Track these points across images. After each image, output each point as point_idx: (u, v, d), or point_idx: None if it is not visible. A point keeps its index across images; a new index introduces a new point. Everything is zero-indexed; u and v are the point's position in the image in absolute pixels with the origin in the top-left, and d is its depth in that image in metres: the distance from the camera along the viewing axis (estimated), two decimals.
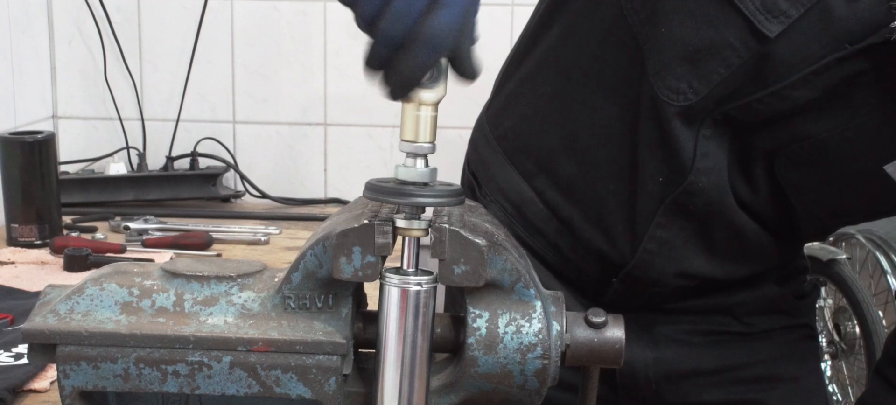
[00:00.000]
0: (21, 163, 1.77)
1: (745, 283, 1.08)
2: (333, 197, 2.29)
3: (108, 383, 0.73)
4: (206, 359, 0.72)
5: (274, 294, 0.74)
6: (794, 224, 1.01)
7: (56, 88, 2.27)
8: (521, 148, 1.11)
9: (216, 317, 0.73)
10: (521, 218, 1.10)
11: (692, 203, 0.97)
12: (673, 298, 1.07)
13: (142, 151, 2.24)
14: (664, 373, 1.10)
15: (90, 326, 0.72)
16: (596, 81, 1.00)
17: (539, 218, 1.08)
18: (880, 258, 2.54)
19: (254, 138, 2.29)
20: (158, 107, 2.27)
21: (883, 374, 1.06)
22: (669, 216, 0.98)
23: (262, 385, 0.72)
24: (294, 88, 2.25)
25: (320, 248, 0.73)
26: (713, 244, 1.01)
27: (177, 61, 2.24)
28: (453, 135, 2.32)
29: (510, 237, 0.79)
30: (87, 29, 2.22)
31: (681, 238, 1.00)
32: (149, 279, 0.75)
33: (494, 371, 0.73)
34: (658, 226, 0.99)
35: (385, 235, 0.70)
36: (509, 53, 1.16)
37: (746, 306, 1.10)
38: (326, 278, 0.73)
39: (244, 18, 2.23)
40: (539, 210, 1.08)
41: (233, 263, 0.78)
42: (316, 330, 0.73)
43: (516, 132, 1.12)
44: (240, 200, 2.26)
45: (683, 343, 1.10)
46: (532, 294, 0.74)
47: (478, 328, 0.73)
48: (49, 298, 0.75)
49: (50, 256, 1.74)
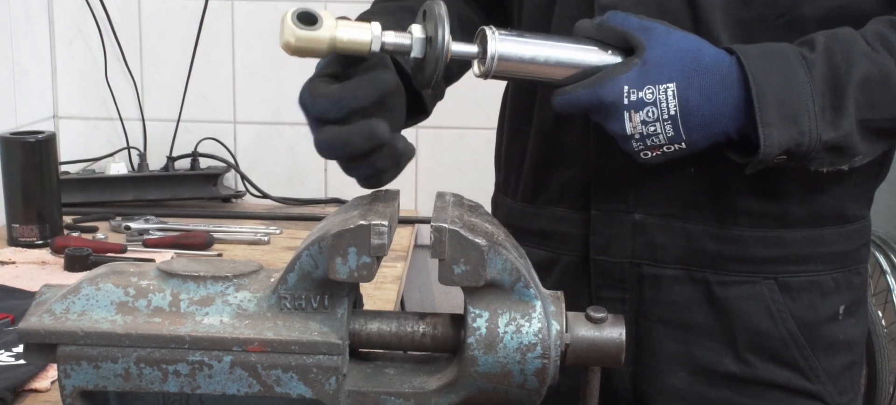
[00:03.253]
0: (22, 163, 1.77)
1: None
2: (333, 197, 2.29)
3: (109, 383, 0.73)
4: (206, 358, 0.72)
5: (270, 294, 0.74)
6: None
7: (57, 88, 2.27)
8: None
9: (212, 318, 0.73)
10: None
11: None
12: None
13: (142, 151, 2.24)
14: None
15: (86, 326, 0.72)
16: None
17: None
18: (880, 258, 2.53)
19: (254, 138, 2.29)
20: (159, 107, 2.27)
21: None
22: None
23: (262, 384, 0.72)
24: (294, 88, 2.23)
25: (316, 249, 0.73)
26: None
27: (177, 61, 2.24)
28: (453, 135, 2.33)
29: (510, 237, 0.79)
30: (88, 29, 2.22)
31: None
32: (145, 279, 0.75)
33: (494, 370, 0.73)
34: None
35: (380, 236, 0.70)
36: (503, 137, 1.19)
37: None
38: (322, 279, 0.73)
39: (244, 18, 2.23)
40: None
41: (229, 263, 0.78)
42: (311, 330, 0.73)
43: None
44: (240, 200, 2.26)
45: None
46: (532, 294, 0.74)
47: (478, 328, 0.73)
48: (45, 298, 0.75)
49: (51, 256, 1.74)
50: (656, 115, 0.88)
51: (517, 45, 0.88)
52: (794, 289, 1.03)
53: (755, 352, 1.04)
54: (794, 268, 1.03)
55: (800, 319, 1.03)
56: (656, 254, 1.04)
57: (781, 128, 0.88)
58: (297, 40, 0.82)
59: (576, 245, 1.08)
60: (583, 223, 1.07)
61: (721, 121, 0.89)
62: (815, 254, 1.03)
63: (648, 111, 0.88)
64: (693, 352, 1.05)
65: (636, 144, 0.90)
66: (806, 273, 1.03)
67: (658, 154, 0.90)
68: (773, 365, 1.04)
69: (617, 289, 1.06)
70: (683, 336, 1.05)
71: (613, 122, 0.89)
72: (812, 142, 0.88)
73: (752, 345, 1.03)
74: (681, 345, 1.05)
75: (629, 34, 0.90)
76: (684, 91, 0.87)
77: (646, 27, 0.90)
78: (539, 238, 1.11)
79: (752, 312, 1.03)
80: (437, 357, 0.80)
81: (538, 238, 1.11)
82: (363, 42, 0.84)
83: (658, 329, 1.06)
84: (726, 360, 1.04)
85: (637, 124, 0.88)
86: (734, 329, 1.03)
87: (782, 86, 0.88)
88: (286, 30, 0.82)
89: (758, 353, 1.04)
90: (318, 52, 0.84)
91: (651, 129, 0.88)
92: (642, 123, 0.88)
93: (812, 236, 1.03)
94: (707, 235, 1.02)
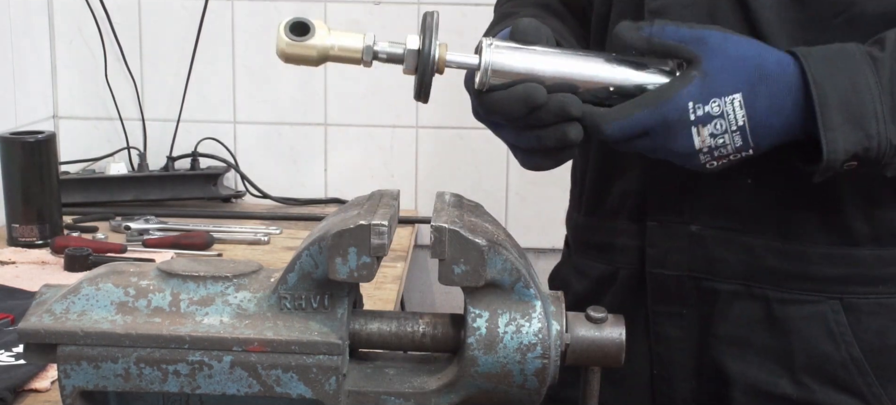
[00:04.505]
0: (22, 163, 1.77)
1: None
2: (333, 197, 2.28)
3: (109, 383, 0.73)
4: (206, 358, 0.72)
5: (270, 294, 0.74)
6: None
7: (57, 88, 2.27)
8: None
9: (212, 318, 0.73)
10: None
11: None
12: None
13: (142, 151, 2.24)
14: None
15: (86, 326, 0.72)
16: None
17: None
18: None
19: (254, 138, 2.29)
20: (159, 107, 2.27)
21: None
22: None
23: (262, 384, 0.72)
24: (294, 88, 2.25)
25: (316, 249, 0.73)
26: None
27: (177, 61, 2.24)
28: (453, 135, 2.32)
29: (510, 237, 0.79)
30: (88, 29, 2.22)
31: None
32: (145, 279, 0.75)
33: (494, 370, 0.73)
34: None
35: (380, 236, 0.70)
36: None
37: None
38: (322, 279, 0.73)
39: (244, 18, 2.23)
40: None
41: (229, 263, 0.78)
42: (311, 330, 0.73)
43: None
44: (240, 200, 2.26)
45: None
46: (532, 293, 0.74)
47: (478, 328, 0.73)
48: (45, 298, 0.75)
49: (51, 256, 1.73)
50: (724, 127, 0.85)
51: (513, 56, 0.86)
52: (861, 312, 0.98)
53: (814, 375, 0.99)
54: (861, 288, 0.98)
55: (866, 344, 0.98)
56: (714, 267, 1.01)
57: (847, 132, 0.84)
58: (289, 48, 0.85)
59: (633, 258, 1.05)
60: (639, 235, 1.04)
61: (790, 128, 0.86)
62: (885, 275, 0.98)
63: (716, 124, 0.85)
64: (748, 371, 1.01)
65: (704, 158, 0.87)
66: (875, 295, 0.98)
67: (724, 163, 0.88)
68: (833, 390, 0.99)
69: (674, 303, 1.03)
70: (741, 354, 1.01)
71: (679, 140, 0.86)
72: (882, 146, 0.84)
73: (810, 367, 0.99)
74: (738, 362, 1.02)
75: (681, 47, 0.86)
76: (751, 101, 0.84)
77: (699, 37, 0.86)
78: (599, 251, 1.09)
79: (813, 333, 0.99)
80: (437, 357, 0.80)
81: (599, 251, 1.10)
82: (355, 50, 0.85)
83: (716, 346, 1.03)
84: (783, 382, 1.00)
85: (706, 138, 0.85)
86: (793, 350, 0.99)
87: (846, 88, 0.84)
88: (279, 40, 0.85)
89: (816, 377, 0.99)
90: (311, 60, 0.86)
91: (719, 141, 0.86)
92: (711, 136, 0.85)
93: (881, 256, 0.98)
94: (768, 250, 0.98)
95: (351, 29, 0.87)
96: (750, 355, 1.01)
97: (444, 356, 0.79)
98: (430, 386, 0.75)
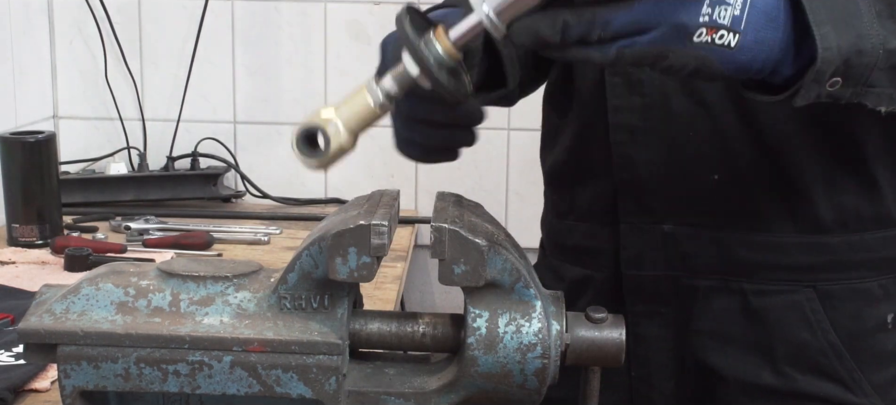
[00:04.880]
0: (22, 163, 1.77)
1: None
2: (333, 197, 2.28)
3: (109, 383, 0.73)
4: (206, 358, 0.72)
5: (270, 294, 0.74)
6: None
7: (57, 88, 2.27)
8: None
9: (212, 318, 0.73)
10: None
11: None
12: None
13: (142, 151, 2.24)
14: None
15: (86, 326, 0.72)
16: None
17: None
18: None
19: (254, 138, 2.29)
20: (159, 107, 2.27)
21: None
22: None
23: (262, 384, 0.72)
24: (294, 88, 2.25)
25: (316, 249, 0.73)
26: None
27: (177, 61, 2.24)
28: None
29: (510, 237, 0.79)
30: (88, 29, 2.22)
31: None
32: (145, 279, 0.75)
33: (494, 370, 0.73)
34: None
35: (380, 236, 0.70)
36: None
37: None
38: (322, 279, 0.73)
39: (244, 18, 2.23)
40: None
41: (229, 263, 0.78)
42: (311, 330, 0.73)
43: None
44: (240, 200, 2.26)
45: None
46: (532, 293, 0.74)
47: (478, 328, 0.73)
48: (45, 298, 0.75)
49: (51, 256, 1.73)
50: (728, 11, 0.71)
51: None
52: (835, 298, 0.99)
53: (794, 364, 1.00)
54: (834, 275, 0.98)
55: (842, 329, 0.99)
56: (690, 265, 1.01)
57: (839, 29, 0.74)
58: (317, 166, 0.78)
59: (608, 261, 1.06)
60: (613, 238, 1.05)
61: (776, 28, 0.73)
62: (857, 260, 0.99)
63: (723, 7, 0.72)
64: (731, 365, 1.02)
65: (702, 19, 0.70)
66: (848, 280, 0.99)
67: (713, 35, 0.71)
68: (815, 377, 1.00)
69: (652, 303, 1.04)
70: (722, 348, 1.02)
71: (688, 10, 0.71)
72: (874, 48, 0.75)
73: (791, 357, 1.00)
74: (720, 357, 1.02)
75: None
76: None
77: None
78: (574, 254, 1.10)
79: (790, 323, 0.99)
80: (437, 357, 0.80)
81: (574, 254, 1.10)
82: (369, 110, 0.80)
83: (697, 342, 1.03)
84: (765, 373, 1.01)
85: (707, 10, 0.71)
86: (772, 340, 1.00)
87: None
88: (303, 163, 0.78)
89: (797, 366, 1.00)
90: (344, 152, 0.80)
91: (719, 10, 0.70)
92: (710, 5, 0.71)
93: (850, 241, 0.98)
94: (740, 243, 0.99)
95: (350, 30, 0.85)
96: (731, 349, 1.02)
97: (444, 356, 0.79)
98: (430, 386, 0.75)
